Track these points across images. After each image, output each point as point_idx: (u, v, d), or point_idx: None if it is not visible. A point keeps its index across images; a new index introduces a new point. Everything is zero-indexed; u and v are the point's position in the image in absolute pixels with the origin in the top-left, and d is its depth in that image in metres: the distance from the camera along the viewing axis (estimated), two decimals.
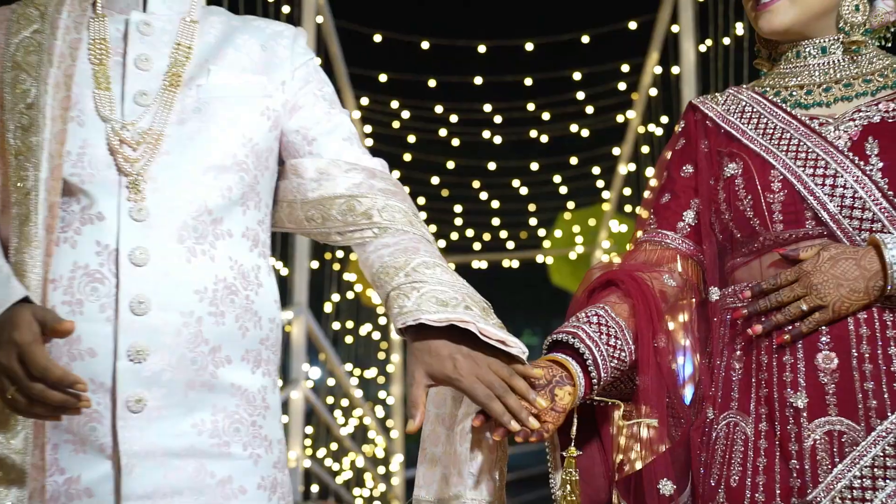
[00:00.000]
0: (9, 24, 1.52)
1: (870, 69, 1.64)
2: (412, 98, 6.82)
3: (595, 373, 1.51)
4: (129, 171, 1.46)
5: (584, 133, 7.14)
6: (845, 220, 1.53)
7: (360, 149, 1.63)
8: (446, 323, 1.40)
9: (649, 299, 1.58)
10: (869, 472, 1.45)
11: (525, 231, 8.75)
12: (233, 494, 1.45)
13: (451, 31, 6.53)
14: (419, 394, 1.41)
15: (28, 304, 1.33)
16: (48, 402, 1.27)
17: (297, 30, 1.67)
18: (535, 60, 6.48)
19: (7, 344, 1.27)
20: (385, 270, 1.49)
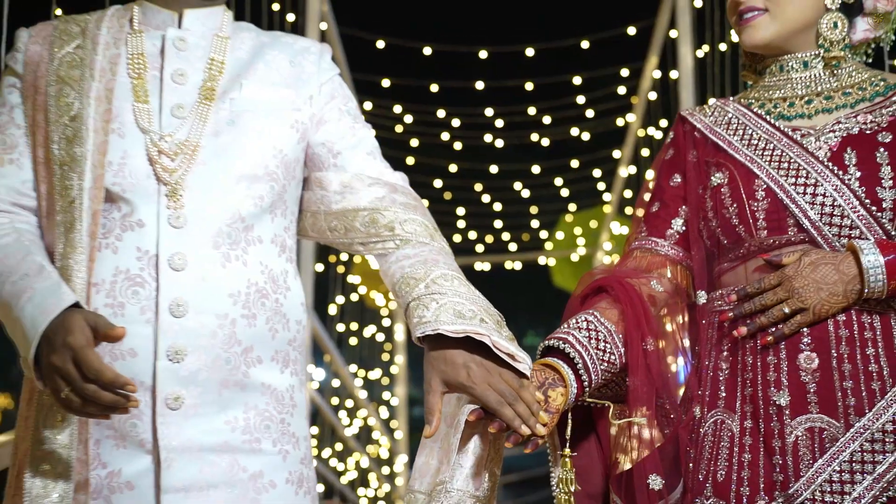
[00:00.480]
0: (52, 40, 1.57)
1: (849, 82, 1.69)
2: (415, 102, 6.83)
3: (585, 375, 1.56)
4: (168, 181, 1.51)
5: (585, 136, 7.15)
6: (825, 227, 1.58)
7: (382, 163, 1.68)
8: (463, 334, 1.44)
9: (636, 304, 1.63)
10: (847, 467, 1.50)
11: (527, 233, 8.76)
12: (263, 488, 1.50)
13: (452, 37, 6.52)
14: (435, 400, 1.45)
15: (79, 309, 1.38)
16: (100, 402, 1.32)
17: (322, 46, 1.71)
18: (536, 65, 6.49)
19: (62, 348, 1.32)
20: (406, 281, 1.53)
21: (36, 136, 1.53)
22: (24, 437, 1.48)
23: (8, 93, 1.57)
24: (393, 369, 8.54)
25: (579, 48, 6.26)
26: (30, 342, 1.36)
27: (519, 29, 7.41)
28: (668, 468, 1.63)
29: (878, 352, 1.54)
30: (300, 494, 1.56)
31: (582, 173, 7.77)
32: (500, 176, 7.79)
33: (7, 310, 1.42)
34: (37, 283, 1.41)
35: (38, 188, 1.53)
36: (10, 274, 1.44)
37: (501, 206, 8.17)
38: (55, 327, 1.34)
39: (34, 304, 1.37)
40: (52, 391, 1.35)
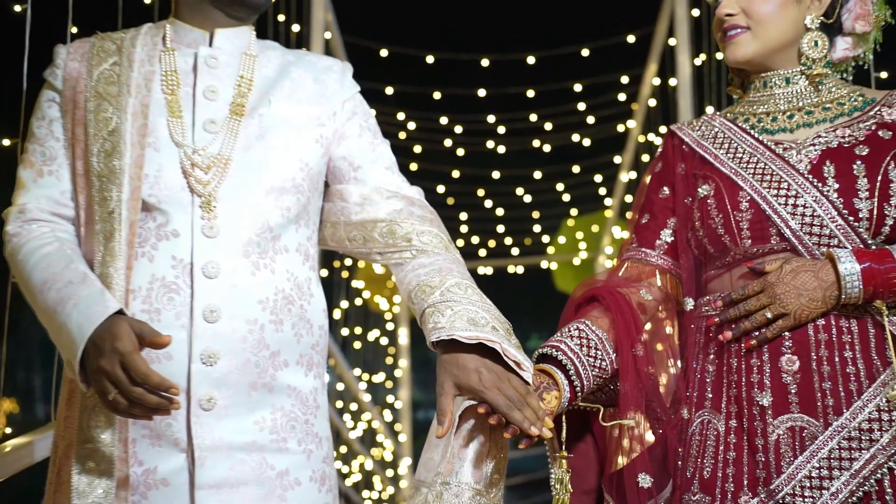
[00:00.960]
0: (90, 57, 1.62)
1: (829, 98, 1.75)
2: (418, 110, 6.85)
3: (577, 381, 1.63)
4: (202, 192, 1.56)
5: (586, 142, 7.16)
6: (806, 237, 1.65)
7: (399, 177, 1.74)
8: (476, 341, 1.50)
9: (626, 312, 1.70)
10: (826, 464, 1.57)
11: (529, 238, 8.76)
12: (289, 486, 1.56)
13: (454, 46, 6.51)
14: (448, 402, 1.49)
15: (123, 316, 1.44)
16: (146, 404, 1.38)
17: (344, 65, 1.77)
18: (537, 73, 6.49)
19: (111, 353, 1.38)
20: (421, 288, 1.59)
21: (75, 148, 1.59)
22: (65, 435, 1.54)
23: (47, 107, 1.62)
24: (397, 373, 8.53)
25: (580, 56, 6.28)
26: (76, 347, 1.41)
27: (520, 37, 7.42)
28: (657, 468, 1.69)
29: (856, 354, 1.60)
30: (322, 492, 1.61)
31: (583, 178, 7.79)
32: (502, 181, 7.81)
33: (51, 316, 1.47)
34: (81, 290, 1.46)
35: (77, 198, 1.58)
36: (54, 281, 1.49)
37: (504, 210, 8.18)
38: (102, 333, 1.39)
39: (80, 310, 1.43)
40: (99, 393, 1.40)
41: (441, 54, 6.38)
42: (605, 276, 1.85)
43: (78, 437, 1.48)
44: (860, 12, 1.76)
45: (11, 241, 1.58)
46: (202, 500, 1.49)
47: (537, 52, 6.30)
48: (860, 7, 1.76)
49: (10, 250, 1.58)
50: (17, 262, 1.56)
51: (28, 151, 1.62)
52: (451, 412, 1.50)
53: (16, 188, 1.62)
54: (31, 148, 1.62)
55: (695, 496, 1.65)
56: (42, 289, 1.49)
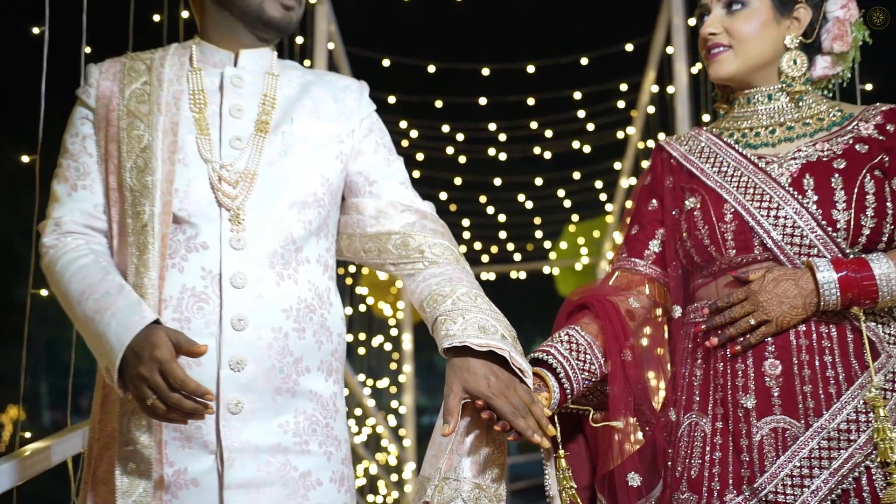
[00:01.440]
0: (121, 76, 1.68)
1: (809, 113, 1.82)
2: (420, 118, 6.88)
3: (567, 384, 1.70)
4: (230, 206, 1.61)
5: (586, 149, 7.18)
6: (787, 246, 1.71)
7: (413, 192, 1.80)
8: (486, 348, 1.56)
9: (614, 319, 1.77)
10: (807, 463, 1.63)
11: (531, 243, 8.77)
12: (311, 486, 1.62)
13: (455, 55, 6.54)
14: (455, 404, 1.55)
15: (160, 326, 1.50)
16: (182, 409, 1.44)
17: (361, 84, 1.83)
18: (537, 81, 6.53)
19: (150, 360, 1.44)
20: (433, 297, 1.65)
21: (108, 164, 1.64)
22: (100, 437, 1.60)
23: (80, 124, 1.68)
24: (401, 378, 8.52)
25: (579, 64, 6.31)
26: (115, 355, 1.47)
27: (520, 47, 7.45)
28: (647, 468, 1.76)
29: (835, 359, 1.67)
30: (342, 492, 1.67)
31: (584, 184, 7.81)
32: (503, 188, 7.83)
33: (89, 325, 1.53)
34: (119, 301, 1.52)
35: (109, 212, 1.64)
36: (92, 292, 1.55)
37: (505, 217, 8.19)
38: (140, 342, 1.46)
39: (118, 320, 1.49)
40: (138, 399, 1.46)
41: (442, 64, 6.41)
42: (596, 284, 1.92)
43: (119, 440, 1.54)
44: (838, 33, 1.83)
45: (48, 253, 1.63)
46: (230, 499, 1.56)
47: (537, 61, 6.33)
48: (838, 28, 1.83)
49: (46, 262, 1.64)
50: (53, 273, 1.61)
51: (62, 167, 1.67)
52: (457, 412, 1.55)
53: (50, 201, 1.67)
54: (65, 163, 1.67)
55: (683, 495, 1.71)
56: (80, 299, 1.55)
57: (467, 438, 1.61)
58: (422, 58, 6.34)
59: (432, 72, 6.36)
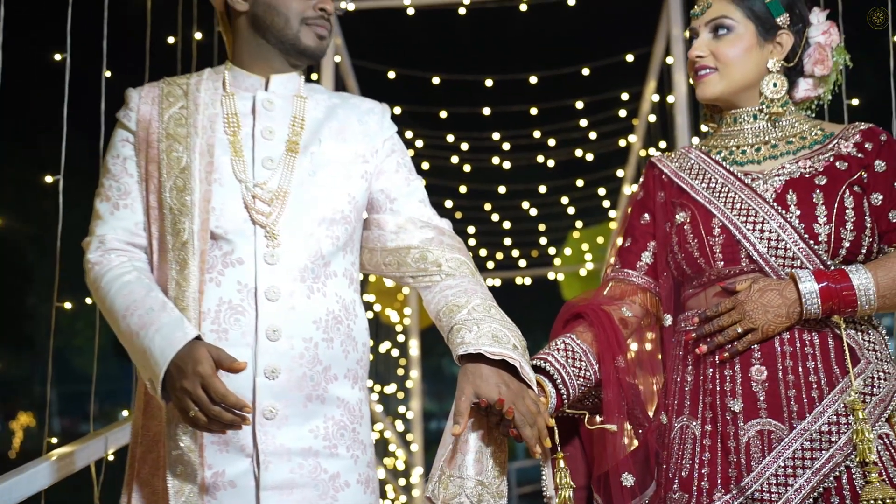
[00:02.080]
0: (160, 101, 1.75)
1: (791, 132, 1.89)
2: (425, 128, 6.91)
3: (564, 390, 1.78)
4: (265, 223, 1.69)
5: (589, 157, 7.21)
6: (772, 259, 1.78)
7: (430, 210, 1.88)
8: (500, 357, 1.64)
9: (607, 327, 1.84)
10: (791, 463, 1.70)
11: (536, 250, 8.79)
12: (340, 487, 1.70)
13: (459, 67, 6.59)
14: (466, 406, 1.61)
15: (201, 342, 1.57)
16: (222, 421, 1.53)
17: (383, 107, 1.91)
18: (540, 91, 6.57)
19: (193, 375, 1.52)
20: (449, 308, 1.73)
21: (149, 184, 1.71)
22: (142, 442, 1.68)
23: (121, 146, 1.75)
24: (408, 384, 8.50)
25: (580, 75, 6.36)
26: (159, 368, 1.55)
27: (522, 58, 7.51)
28: (640, 469, 1.83)
29: (817, 365, 1.74)
30: (367, 493, 1.75)
31: (587, 192, 7.83)
32: (508, 196, 7.85)
33: (132, 339, 1.61)
34: (162, 317, 1.59)
35: (149, 229, 1.71)
36: (136, 308, 1.62)
37: (510, 224, 8.22)
38: (183, 357, 1.54)
39: (162, 335, 1.56)
40: (181, 410, 1.54)
41: (446, 75, 6.47)
42: (591, 294, 1.99)
43: (168, 445, 1.62)
44: (819, 57, 1.90)
45: (93, 270, 1.70)
46: (266, 500, 1.63)
47: (539, 72, 6.38)
48: (819, 53, 1.90)
49: (91, 278, 1.71)
50: (98, 288, 1.69)
51: (104, 186, 1.75)
52: (467, 414, 1.61)
53: (93, 219, 1.75)
54: (107, 183, 1.74)
55: (675, 494, 1.79)
56: (125, 314, 1.62)
57: (471, 438, 1.68)
58: (426, 70, 6.39)
59: (436, 83, 6.42)
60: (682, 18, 5.34)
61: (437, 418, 25.48)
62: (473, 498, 1.65)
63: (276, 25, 1.76)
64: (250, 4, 1.76)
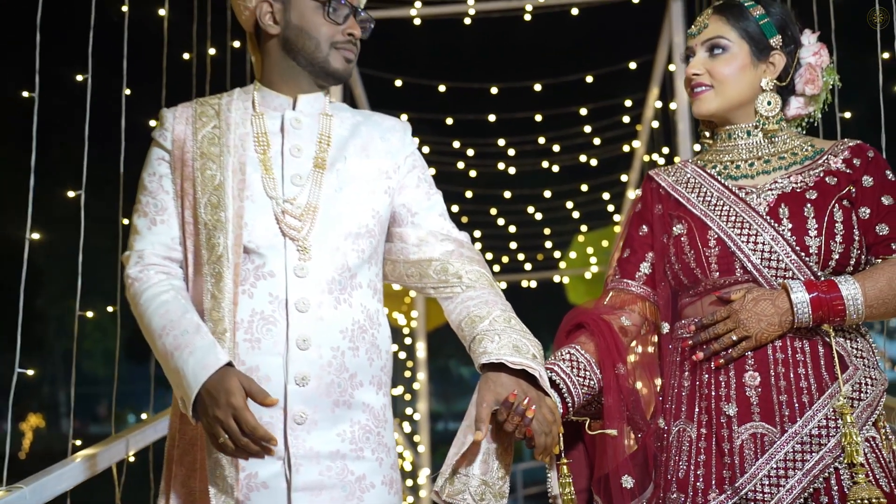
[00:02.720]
0: (194, 120, 1.81)
1: (784, 148, 1.96)
2: (431, 135, 6.99)
3: (569, 398, 1.85)
4: (296, 237, 1.75)
5: (593, 162, 7.26)
6: (765, 269, 1.84)
7: (450, 223, 1.93)
8: (520, 367, 1.71)
9: (608, 336, 1.91)
10: (782, 465, 1.76)
11: (541, 253, 8.85)
12: (366, 488, 1.76)
13: (465, 75, 6.70)
14: (487, 413, 1.68)
15: (233, 369, 1.63)
16: (249, 452, 1.60)
17: (405, 124, 1.96)
18: (544, 98, 6.64)
19: (226, 406, 1.58)
20: (471, 319, 1.80)
21: (184, 201, 1.77)
22: (179, 444, 1.75)
23: (157, 164, 1.81)
24: (415, 385, 8.54)
25: (584, 82, 6.42)
26: (191, 390, 1.62)
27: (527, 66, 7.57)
28: (639, 471, 1.90)
29: (808, 371, 1.80)
30: (391, 494, 1.81)
31: (592, 196, 7.87)
32: (513, 200, 7.91)
33: (167, 358, 1.67)
34: (196, 340, 1.65)
35: (185, 243, 1.77)
36: (172, 328, 1.68)
37: (516, 228, 8.29)
38: (215, 384, 1.61)
39: (195, 358, 1.63)
40: (211, 435, 1.62)
41: (452, 83, 6.53)
42: (593, 304, 2.05)
43: (206, 450, 1.68)
44: (809, 77, 1.97)
45: (133, 286, 1.77)
46: (297, 500, 1.70)
47: (543, 79, 6.43)
48: (809, 73, 1.97)
49: (131, 294, 1.77)
50: (137, 304, 1.75)
51: (141, 202, 1.81)
52: (489, 420, 1.68)
53: (131, 234, 1.81)
54: (144, 200, 1.80)
55: (672, 494, 1.85)
56: (161, 333, 1.69)
57: (482, 441, 1.73)
58: (433, 78, 6.45)
59: (442, 91, 6.47)
60: (683, 27, 5.40)
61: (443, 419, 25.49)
62: (476, 496, 1.72)
63: (307, 49, 1.81)
64: (282, 28, 1.82)
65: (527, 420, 1.70)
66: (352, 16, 1.83)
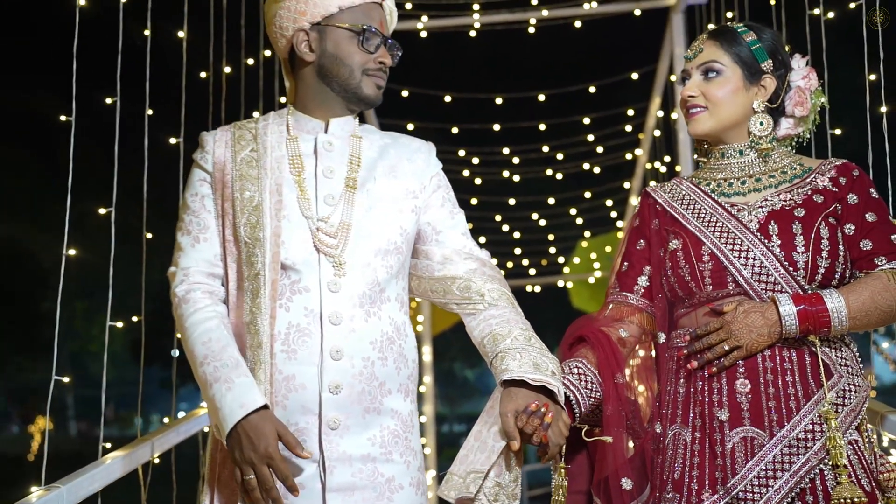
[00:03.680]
0: (233, 144, 1.89)
1: (774, 167, 2.02)
2: (437, 144, 6.86)
3: (577, 409, 1.93)
4: (332, 254, 1.82)
5: (596, 170, 7.32)
6: (755, 283, 1.91)
7: (472, 242, 2.01)
8: (540, 383, 1.81)
9: (606, 347, 1.98)
10: (771, 466, 1.84)
11: (545, 258, 8.90)
12: (395, 489, 1.84)
13: (470, 86, 6.76)
14: (513, 425, 1.79)
15: (270, 413, 1.72)
16: (271, 496, 1.70)
17: (430, 146, 2.04)
18: (548, 108, 6.69)
19: (263, 454, 1.68)
20: (493, 336, 1.88)
21: (224, 219, 1.85)
22: (221, 448, 1.81)
23: (199, 185, 1.89)
24: (421, 388, 8.62)
25: (587, 92, 6.49)
26: (227, 424, 1.71)
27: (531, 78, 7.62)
28: (637, 474, 1.97)
29: (795, 378, 1.88)
30: (418, 495, 1.89)
31: (595, 203, 7.93)
32: (518, 207, 7.97)
33: (206, 386, 1.76)
34: (235, 376, 1.74)
35: (225, 259, 1.85)
36: (212, 359, 1.76)
37: (520, 234, 8.34)
38: (252, 427, 1.70)
39: (233, 395, 1.72)
40: (238, 469, 1.71)
41: (458, 94, 6.58)
42: (595, 315, 2.13)
43: None
44: (798, 100, 2.05)
45: (181, 307, 1.84)
46: (331, 500, 1.79)
47: (547, 90, 6.50)
48: (798, 96, 2.05)
49: (178, 314, 1.85)
50: (183, 327, 1.83)
51: (184, 221, 1.89)
52: (517, 430, 1.79)
53: (175, 251, 1.89)
54: (187, 219, 1.88)
55: (668, 494, 1.93)
56: (203, 361, 1.78)
57: (496, 446, 1.83)
58: (439, 88, 6.50)
59: (448, 101, 6.52)
60: (684, 38, 5.49)
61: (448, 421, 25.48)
62: (490, 497, 1.80)
63: (342, 75, 1.88)
64: (318, 56, 1.89)
65: (544, 426, 1.79)
66: (382, 45, 1.91)
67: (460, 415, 26.30)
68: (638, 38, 6.72)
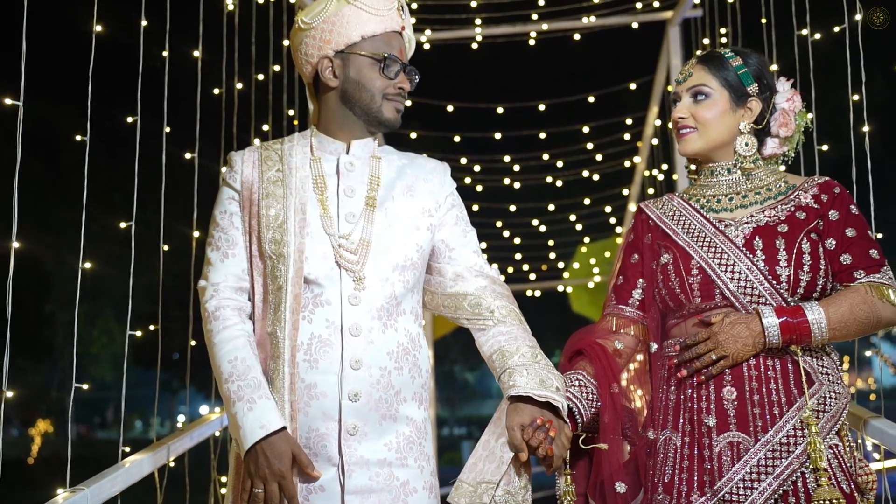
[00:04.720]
0: (259, 164, 1.97)
1: (760, 184, 2.10)
2: (440, 152, 7.11)
3: (580, 419, 2.01)
4: (352, 269, 1.89)
5: (596, 177, 7.39)
6: (741, 296, 1.99)
7: (483, 259, 2.08)
8: (545, 399, 1.89)
9: (602, 359, 2.07)
10: (756, 469, 1.91)
11: (545, 264, 8.95)
12: (409, 493, 1.90)
13: (472, 96, 6.82)
14: (521, 438, 1.86)
15: (287, 435, 1.79)
16: None
17: (444, 166, 2.10)
18: (548, 117, 6.76)
19: (276, 474, 1.76)
20: (502, 352, 1.95)
21: (251, 236, 1.92)
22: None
23: (228, 203, 1.96)
24: None
25: (587, 102, 6.55)
26: (247, 442, 1.79)
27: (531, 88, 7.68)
28: (631, 479, 2.05)
29: (778, 386, 1.95)
30: (431, 498, 1.95)
31: (594, 209, 7.99)
32: (518, 214, 8.04)
33: (229, 403, 1.84)
34: (257, 397, 1.82)
35: (252, 274, 1.93)
36: (238, 378, 1.84)
37: (521, 240, 8.41)
38: (270, 446, 1.79)
39: (255, 415, 1.80)
40: (252, 481, 1.79)
41: (460, 103, 6.64)
42: (592, 328, 2.21)
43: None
44: (783, 121, 2.14)
45: (211, 322, 1.91)
46: (350, 502, 1.85)
47: (547, 99, 6.57)
48: (783, 117, 2.14)
49: (208, 328, 1.91)
50: (212, 343, 1.90)
51: (214, 237, 1.96)
52: (524, 442, 1.86)
53: (205, 265, 1.96)
54: (217, 235, 1.96)
55: (659, 496, 2.00)
56: (228, 379, 1.85)
57: (505, 456, 1.90)
58: (441, 98, 6.56)
59: (450, 111, 6.58)
60: (681, 49, 5.58)
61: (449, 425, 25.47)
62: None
63: (363, 100, 1.96)
64: (341, 81, 1.96)
65: (549, 440, 1.86)
66: (402, 71, 1.99)
67: (460, 418, 26.32)
68: (636, 50, 6.80)
